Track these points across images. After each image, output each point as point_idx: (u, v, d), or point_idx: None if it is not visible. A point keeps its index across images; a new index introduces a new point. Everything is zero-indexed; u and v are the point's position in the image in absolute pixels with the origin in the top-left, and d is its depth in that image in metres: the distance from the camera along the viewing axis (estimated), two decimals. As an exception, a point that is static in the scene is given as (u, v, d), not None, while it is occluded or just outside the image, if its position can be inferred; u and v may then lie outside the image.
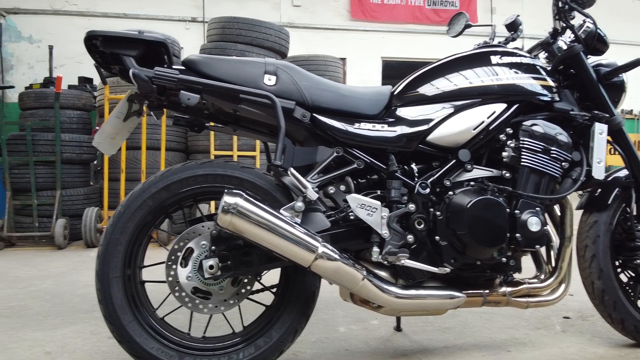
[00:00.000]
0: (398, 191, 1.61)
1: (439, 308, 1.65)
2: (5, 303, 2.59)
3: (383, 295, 1.56)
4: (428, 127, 1.67)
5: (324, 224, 1.59)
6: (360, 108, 1.69)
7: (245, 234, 1.44)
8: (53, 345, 1.98)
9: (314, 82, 1.66)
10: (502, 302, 1.70)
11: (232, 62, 1.62)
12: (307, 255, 1.45)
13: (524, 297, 1.73)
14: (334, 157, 1.63)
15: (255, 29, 4.57)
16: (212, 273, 1.52)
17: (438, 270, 1.58)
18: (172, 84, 1.50)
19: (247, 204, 1.44)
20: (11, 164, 4.24)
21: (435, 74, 1.76)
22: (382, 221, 1.57)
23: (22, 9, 9.74)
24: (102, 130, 1.65)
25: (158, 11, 10.19)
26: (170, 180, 1.59)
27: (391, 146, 1.66)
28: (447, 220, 1.60)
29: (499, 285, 1.70)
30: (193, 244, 1.58)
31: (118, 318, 1.53)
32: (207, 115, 1.76)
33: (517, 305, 1.72)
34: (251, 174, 1.63)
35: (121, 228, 1.55)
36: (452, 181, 1.66)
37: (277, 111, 1.52)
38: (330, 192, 1.65)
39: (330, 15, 10.90)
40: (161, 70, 1.49)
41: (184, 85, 1.52)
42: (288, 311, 1.62)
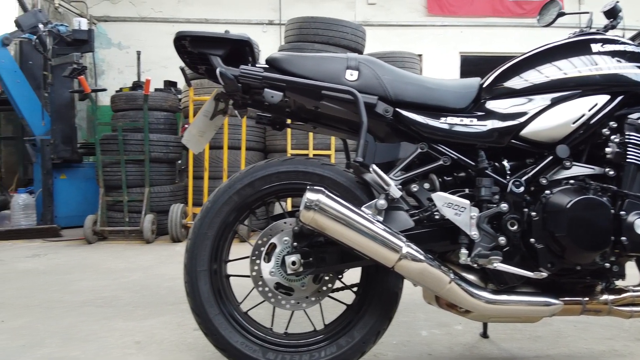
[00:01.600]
0: (489, 190, 1.52)
1: (533, 315, 1.54)
2: (99, 293, 2.75)
3: (472, 300, 1.47)
4: (522, 120, 1.56)
5: (407, 223, 1.53)
6: (446, 101, 1.61)
7: (327, 231, 1.42)
8: (142, 335, 2.07)
9: (397, 76, 1.61)
10: (602, 311, 1.56)
11: (314, 58, 1.61)
12: (391, 255, 1.41)
13: (628, 306, 1.57)
14: (417, 154, 1.57)
15: (332, 27, 4.57)
16: (294, 269, 1.51)
17: (533, 275, 1.47)
18: (257, 82, 1.51)
19: (329, 201, 1.41)
20: (104, 163, 4.52)
21: (529, 64, 1.64)
22: (472, 221, 1.49)
23: (112, 16, 10.41)
24: (191, 128, 1.70)
25: (237, 15, 10.52)
26: (254, 177, 1.60)
27: (481, 141, 1.57)
28: (543, 221, 1.49)
29: (599, 293, 1.56)
30: (276, 239, 1.58)
31: (205, 311, 1.57)
32: (288, 113, 1.77)
33: (619, 314, 1.57)
34: (332, 171, 1.60)
35: (208, 223, 1.59)
36: (548, 179, 1.54)
37: (359, 107, 1.48)
38: (413, 190, 1.59)
39: (406, 11, 10.73)
40: (247, 69, 1.51)
41: (268, 83, 1.53)
42: (370, 312, 1.58)
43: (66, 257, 3.79)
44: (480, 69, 10.61)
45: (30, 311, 2.42)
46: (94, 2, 10.56)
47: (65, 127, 4.88)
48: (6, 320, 2.27)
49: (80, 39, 4.58)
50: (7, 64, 4.89)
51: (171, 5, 10.65)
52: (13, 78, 4.93)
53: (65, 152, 4.87)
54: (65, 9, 9.32)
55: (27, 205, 4.78)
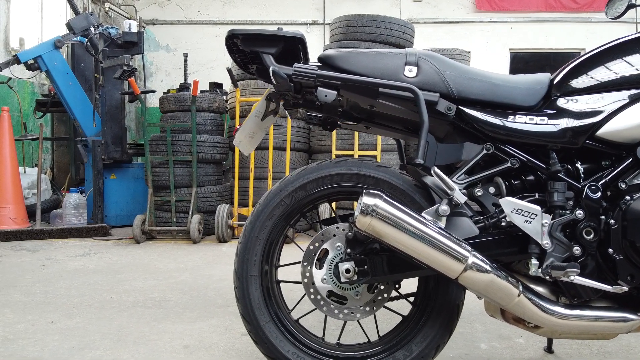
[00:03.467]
0: (562, 195, 1.40)
1: (609, 332, 1.40)
2: (148, 294, 2.76)
3: (543, 315, 1.35)
4: (598, 119, 1.43)
5: (471, 230, 1.42)
6: (514, 99, 1.49)
7: (385, 238, 1.33)
8: (191, 339, 2.04)
9: (460, 72, 1.50)
10: (688, 330, 1.41)
11: (370, 54, 1.53)
12: (455, 265, 1.30)
13: None
14: (482, 155, 1.46)
15: (380, 25, 4.47)
16: (348, 277, 1.43)
17: (612, 289, 1.33)
18: (311, 80, 1.45)
19: (388, 206, 1.32)
20: (153, 163, 4.58)
21: (605, 58, 1.50)
22: (543, 229, 1.37)
23: (160, 20, 10.65)
24: (243, 129, 1.65)
25: (281, 16, 10.56)
26: (306, 179, 1.54)
27: (553, 142, 1.45)
28: (623, 230, 1.35)
29: (684, 309, 1.40)
30: (328, 245, 1.51)
31: (255, 318, 1.51)
32: (340, 113, 1.69)
33: None
34: (387, 173, 1.52)
35: (260, 226, 1.53)
36: (628, 183, 1.40)
37: (419, 104, 1.39)
38: (477, 195, 1.48)
39: (454, 8, 10.49)
40: (300, 67, 1.44)
41: (321, 81, 1.46)
42: (430, 324, 1.48)
43: (116, 257, 3.85)
44: (530, 66, 10.25)
45: (81, 311, 2.44)
46: (142, 5, 10.83)
47: (116, 128, 4.98)
48: (57, 321, 2.29)
49: (130, 41, 4.67)
50: (60, 67, 5.03)
51: (217, 7, 10.81)
52: (66, 80, 5.07)
53: (115, 152, 4.97)
54: (115, 12, 9.60)
55: (79, 204, 4.91)
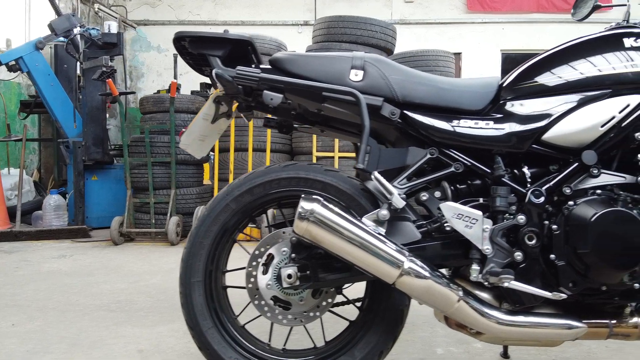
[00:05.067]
0: (505, 199, 1.38)
1: (553, 339, 1.38)
2: (115, 297, 2.74)
3: (483, 321, 1.34)
4: (545, 123, 1.42)
5: (413, 235, 1.41)
6: (460, 103, 1.48)
7: (322, 243, 1.32)
8: (147, 343, 2.02)
9: (407, 76, 1.49)
10: (632, 335, 1.39)
11: (317, 58, 1.52)
12: (391, 270, 1.29)
13: (664, 332, 1.40)
14: (427, 159, 1.45)
15: (361, 26, 4.46)
16: (290, 282, 1.41)
17: (552, 295, 1.32)
18: (254, 83, 1.44)
19: (325, 211, 1.31)
20: (132, 165, 4.56)
21: (554, 61, 1.49)
22: (484, 234, 1.35)
23: (151, 20, 10.63)
24: (189, 132, 1.63)
25: (273, 17, 10.55)
26: (253, 184, 1.52)
27: (498, 146, 1.44)
28: (566, 235, 1.34)
29: (629, 315, 1.39)
30: (274, 250, 1.49)
31: (198, 324, 1.50)
32: (294, 116, 1.68)
33: (653, 340, 1.40)
34: (335, 177, 1.50)
35: (204, 231, 1.52)
36: (573, 189, 1.39)
37: (361, 109, 1.38)
38: (422, 199, 1.47)
39: (445, 9, 10.48)
40: (243, 70, 1.43)
41: (268, 84, 1.45)
42: (373, 330, 1.47)
43: (91, 259, 3.83)
44: (522, 67, 10.26)
45: (44, 314, 2.42)
46: (134, 6, 10.80)
47: (97, 129, 4.95)
48: (18, 324, 2.27)
49: (109, 42, 4.64)
50: (41, 68, 5.01)
51: (209, 8, 10.78)
52: (47, 81, 5.05)
53: (96, 153, 4.95)
54: (105, 13, 9.56)
55: (59, 206, 4.88)
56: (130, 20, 10.57)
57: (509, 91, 1.49)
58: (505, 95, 1.49)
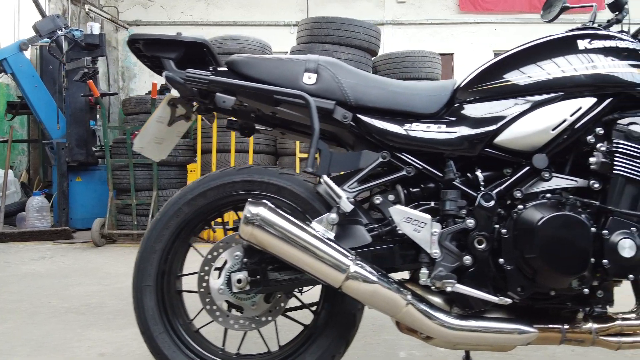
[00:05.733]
0: (454, 203, 1.37)
1: (504, 344, 1.37)
2: (86, 300, 2.72)
3: (432, 325, 1.33)
4: (496, 127, 1.41)
5: (364, 239, 1.40)
6: (414, 106, 1.47)
7: (269, 248, 1.31)
8: (110, 346, 2.01)
9: (360, 79, 1.48)
10: (586, 341, 1.38)
11: (271, 61, 1.51)
12: (337, 274, 1.28)
13: (615, 336, 1.38)
14: (379, 163, 1.44)
15: (344, 27, 4.45)
16: (240, 287, 1.40)
17: (498, 300, 1.31)
18: (204, 86, 1.43)
19: (271, 215, 1.30)
20: (114, 166, 4.55)
21: (509, 64, 1.48)
22: (432, 238, 1.35)
23: (143, 21, 10.62)
24: (142, 134, 1.61)
25: (265, 17, 10.54)
26: (207, 187, 1.51)
27: (449, 150, 1.43)
28: (514, 240, 1.33)
29: (582, 320, 1.38)
30: (227, 254, 1.48)
31: (149, 328, 1.49)
32: (254, 118, 1.67)
33: (605, 345, 1.39)
34: (290, 180, 1.49)
35: (156, 235, 1.50)
36: (524, 192, 1.38)
37: (310, 112, 1.37)
38: (376, 203, 1.45)
39: (438, 9, 10.50)
40: (192, 72, 1.42)
41: (220, 87, 1.44)
42: (325, 334, 1.45)
43: (71, 260, 3.81)
44: (513, 68, 10.28)
45: (15, 316, 2.40)
46: (126, 6, 10.80)
47: (80, 130, 4.93)
48: (-14, 326, 2.26)
49: (92, 43, 4.63)
50: (25, 69, 4.99)
51: (201, 8, 10.78)
52: (31, 83, 5.03)
53: (80, 155, 4.93)
54: (97, 14, 9.54)
55: (42, 207, 4.87)
56: (123, 21, 10.56)
57: (463, 94, 1.48)
58: (460, 99, 1.48)
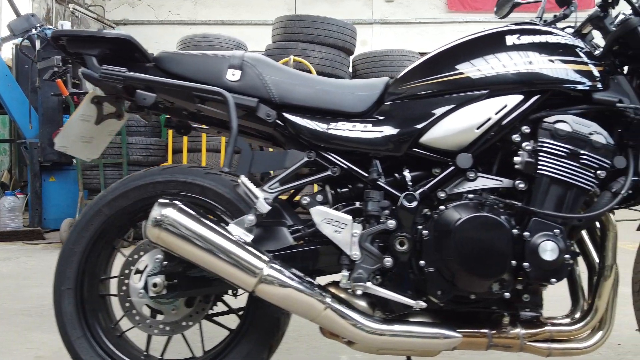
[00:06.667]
0: (377, 203, 1.33)
1: (428, 348, 1.34)
2: (40, 301, 2.66)
3: (353, 330, 1.29)
4: (422, 126, 1.37)
5: (286, 241, 1.36)
6: (341, 105, 1.43)
7: (177, 251, 1.27)
8: (49, 349, 1.97)
9: (286, 77, 1.44)
10: (514, 347, 1.34)
11: (196, 57, 1.48)
12: (248, 278, 1.24)
13: (545, 342, 1.35)
14: (304, 163, 1.40)
15: (317, 25, 4.41)
16: (157, 291, 1.36)
17: (414, 303, 1.27)
18: (120, 83, 1.38)
19: (180, 216, 1.26)
20: (84, 166, 4.50)
21: (437, 62, 1.45)
22: (353, 240, 1.31)
23: (131, 20, 10.56)
24: (64, 133, 1.56)
25: (253, 17, 10.49)
26: (128, 187, 1.47)
27: (374, 150, 1.39)
28: (434, 241, 1.29)
29: (510, 325, 1.34)
30: (147, 257, 1.43)
31: (67, 333, 1.45)
32: (188, 116, 1.62)
33: (534, 351, 1.35)
34: (215, 181, 1.45)
35: (75, 237, 1.46)
36: (448, 193, 1.33)
37: (229, 109, 1.33)
38: (303, 203, 1.41)
39: (426, 8, 10.45)
40: (108, 69, 1.38)
41: (138, 83, 1.40)
42: (247, 339, 1.41)
43: (36, 261, 3.76)
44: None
45: (-35, 318, 2.36)
46: (113, 5, 10.74)
47: (54, 129, 4.86)
48: None
49: (63, 41, 4.55)
50: (-2, 68, 4.94)
51: (188, 8, 10.73)
52: (4, 82, 4.97)
53: (53, 154, 4.87)
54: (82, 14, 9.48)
55: (14, 207, 4.82)
56: (110, 20, 10.50)
57: (393, 93, 1.45)
58: (389, 97, 1.44)
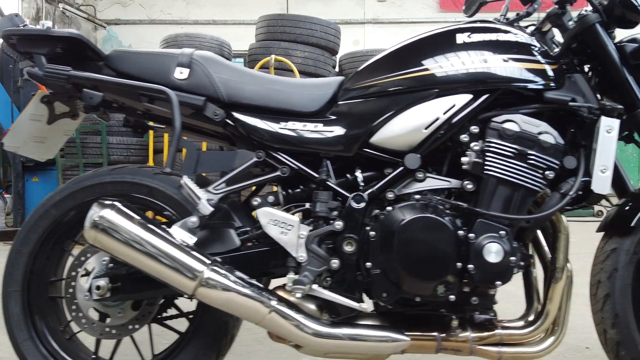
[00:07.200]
0: (325, 204, 1.31)
1: (376, 352, 1.31)
2: (9, 303, 2.65)
3: (299, 333, 1.26)
4: (372, 126, 1.35)
5: (232, 243, 1.34)
6: (293, 104, 1.41)
7: (115, 254, 1.24)
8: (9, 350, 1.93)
9: (236, 75, 1.42)
10: (463, 350, 1.32)
11: (145, 55, 1.46)
12: (187, 282, 1.21)
13: (496, 346, 1.32)
14: (254, 163, 1.38)
15: (300, 25, 4.39)
16: (100, 294, 1.33)
17: (357, 306, 1.25)
18: (63, 82, 1.36)
19: (117, 218, 1.23)
20: (64, 166, 4.47)
21: (390, 61, 1.43)
22: (300, 241, 1.28)
23: (122, 20, 10.51)
24: (14, 133, 1.53)
25: (245, 16, 10.44)
26: (76, 188, 1.45)
27: (325, 150, 1.37)
28: (380, 242, 1.27)
29: (459, 328, 1.32)
30: (94, 259, 1.41)
31: (13, 335, 1.42)
32: (144, 116, 1.60)
33: (485, 355, 1.33)
34: (164, 182, 1.42)
35: (22, 239, 1.43)
36: (397, 193, 1.31)
37: (172, 108, 1.30)
38: (254, 205, 1.39)
39: (419, 8, 10.40)
40: (51, 67, 1.35)
41: (82, 82, 1.38)
42: (194, 342, 1.39)
43: (12, 262, 3.73)
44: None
45: None
46: (105, 5, 10.69)
47: (37, 129, 4.85)
48: None
49: (44, 41, 4.53)
50: (-20, 68, 4.92)
51: (180, 7, 10.68)
52: (-14, 82, 4.96)
53: (35, 155, 4.85)
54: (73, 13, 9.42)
55: (-4, 208, 4.80)
56: (101, 20, 10.45)
57: (346, 92, 1.42)
58: (342, 97, 1.42)
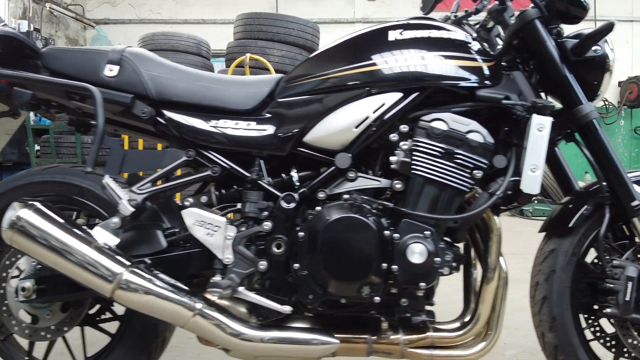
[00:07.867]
0: (254, 205, 1.29)
1: (305, 355, 1.28)
2: None
3: (225, 337, 1.23)
4: (304, 125, 1.32)
5: (159, 244, 1.31)
6: (225, 102, 1.38)
7: (32, 255, 1.22)
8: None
9: (167, 72, 1.39)
10: (394, 353, 1.30)
11: (76, 52, 1.44)
12: (103, 284, 1.19)
13: (428, 349, 1.30)
14: (183, 162, 1.35)
15: (277, 24, 4.36)
16: (26, 296, 1.30)
17: (280, 308, 1.22)
18: (-13, 80, 1.33)
19: (34, 218, 1.20)
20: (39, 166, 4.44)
21: (325, 58, 1.40)
22: (226, 243, 1.26)
23: (112, 19, 10.47)
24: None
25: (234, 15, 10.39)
26: (7, 188, 1.43)
27: (257, 149, 1.34)
28: (306, 243, 1.24)
29: (390, 331, 1.29)
30: (24, 260, 1.38)
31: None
32: (86, 115, 1.57)
33: (416, 358, 1.30)
34: (94, 181, 1.40)
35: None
36: (328, 193, 1.29)
37: (95, 105, 1.28)
38: (185, 205, 1.36)
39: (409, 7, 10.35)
40: None
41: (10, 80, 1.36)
42: (123, 344, 1.37)
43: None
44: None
45: None
46: (94, 5, 10.65)
47: (14, 129, 4.83)
48: None
49: (20, 40, 4.51)
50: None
51: (169, 6, 10.64)
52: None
53: (12, 154, 4.82)
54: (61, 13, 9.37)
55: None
56: (90, 19, 10.41)
57: (282, 90, 1.40)
58: (278, 95, 1.40)
